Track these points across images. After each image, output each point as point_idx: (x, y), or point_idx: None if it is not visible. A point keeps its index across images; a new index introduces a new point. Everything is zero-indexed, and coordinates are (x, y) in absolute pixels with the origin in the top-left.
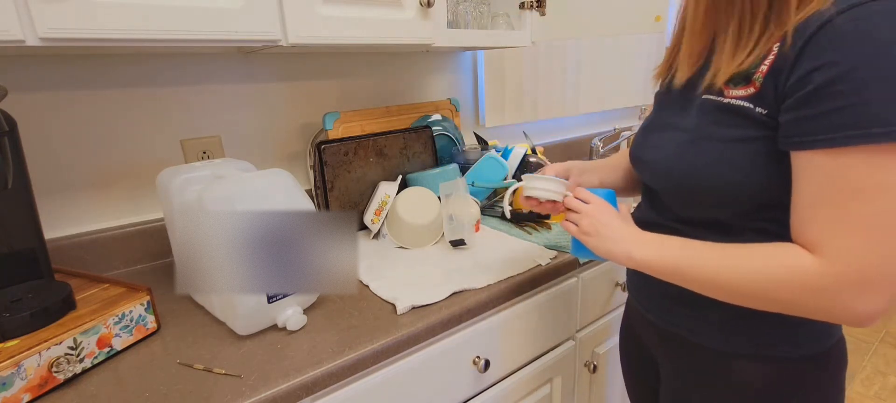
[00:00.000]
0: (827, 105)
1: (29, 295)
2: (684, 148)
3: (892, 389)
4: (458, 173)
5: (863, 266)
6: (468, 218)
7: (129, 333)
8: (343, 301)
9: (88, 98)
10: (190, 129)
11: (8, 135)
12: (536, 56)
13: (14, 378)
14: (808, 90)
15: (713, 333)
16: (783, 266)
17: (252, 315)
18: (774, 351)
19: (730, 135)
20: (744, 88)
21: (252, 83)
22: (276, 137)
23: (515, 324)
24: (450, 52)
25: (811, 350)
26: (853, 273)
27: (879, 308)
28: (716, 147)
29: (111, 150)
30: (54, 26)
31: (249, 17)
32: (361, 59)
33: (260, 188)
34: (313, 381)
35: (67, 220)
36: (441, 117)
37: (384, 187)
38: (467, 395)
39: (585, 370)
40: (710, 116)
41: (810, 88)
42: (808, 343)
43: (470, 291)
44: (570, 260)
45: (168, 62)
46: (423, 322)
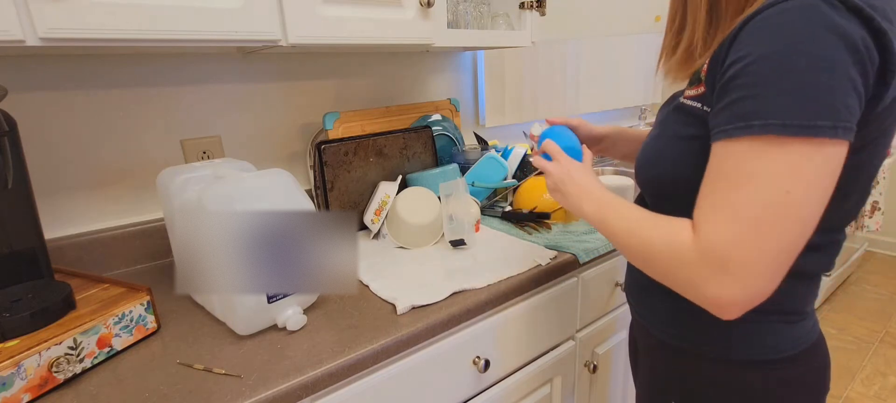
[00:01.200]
0: (731, 96)
1: (29, 295)
2: (650, 144)
3: (891, 389)
4: (458, 173)
5: (725, 249)
6: (468, 218)
7: (129, 333)
8: (343, 301)
9: (88, 98)
10: (190, 129)
11: (8, 135)
12: (536, 56)
13: (14, 378)
14: (723, 82)
15: (664, 326)
16: (666, 237)
17: (252, 315)
18: (712, 350)
19: (685, 132)
20: (696, 88)
21: (252, 83)
22: (276, 137)
23: (515, 324)
24: (450, 52)
25: (747, 355)
26: (715, 253)
27: (736, 296)
28: (672, 144)
29: (111, 150)
30: (54, 26)
31: (249, 17)
32: (361, 58)
33: (260, 188)
34: (313, 381)
35: (67, 220)
36: (441, 117)
37: (384, 187)
38: (467, 395)
39: (585, 370)
40: (673, 116)
41: (725, 80)
42: (742, 348)
43: (470, 291)
44: (570, 260)
45: (168, 62)
46: (423, 322)
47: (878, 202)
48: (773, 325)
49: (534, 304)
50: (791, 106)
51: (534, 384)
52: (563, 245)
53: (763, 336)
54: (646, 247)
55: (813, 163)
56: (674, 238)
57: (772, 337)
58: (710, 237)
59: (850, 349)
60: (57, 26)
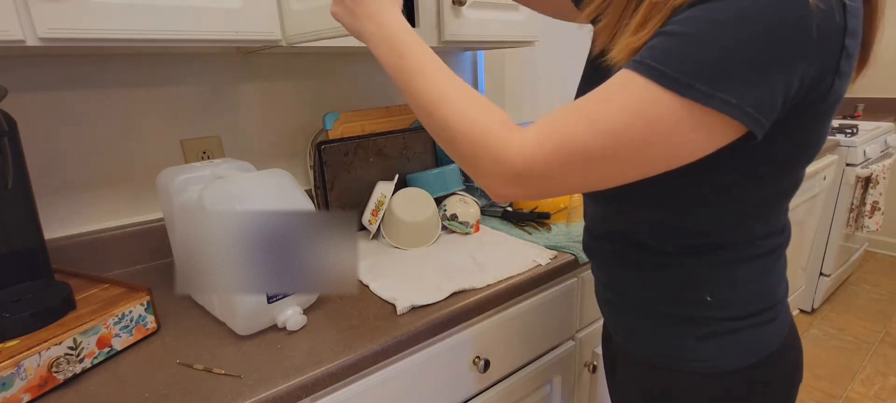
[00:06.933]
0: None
1: (29, 295)
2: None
3: (891, 389)
4: (458, 173)
5: (537, 138)
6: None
7: (129, 333)
8: (343, 301)
9: (88, 98)
10: (190, 129)
11: (8, 135)
12: (537, 56)
13: (14, 378)
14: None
15: (619, 329)
16: (487, 118)
17: (252, 315)
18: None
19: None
20: None
21: (252, 83)
22: (276, 137)
23: (515, 324)
24: (450, 51)
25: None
26: (519, 140)
27: (521, 189)
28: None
29: (111, 150)
30: (54, 26)
31: (249, 18)
32: (361, 58)
33: (260, 188)
34: (313, 381)
35: (67, 220)
36: None
37: (381, 187)
38: (467, 395)
39: (585, 370)
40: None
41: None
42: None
43: (470, 291)
44: (570, 260)
45: (168, 62)
46: (423, 322)
47: (878, 202)
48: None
49: (534, 304)
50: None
51: (534, 384)
52: (563, 245)
53: (733, 345)
54: (457, 119)
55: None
56: (489, 122)
57: (740, 345)
58: (529, 129)
59: (850, 349)
60: (57, 26)
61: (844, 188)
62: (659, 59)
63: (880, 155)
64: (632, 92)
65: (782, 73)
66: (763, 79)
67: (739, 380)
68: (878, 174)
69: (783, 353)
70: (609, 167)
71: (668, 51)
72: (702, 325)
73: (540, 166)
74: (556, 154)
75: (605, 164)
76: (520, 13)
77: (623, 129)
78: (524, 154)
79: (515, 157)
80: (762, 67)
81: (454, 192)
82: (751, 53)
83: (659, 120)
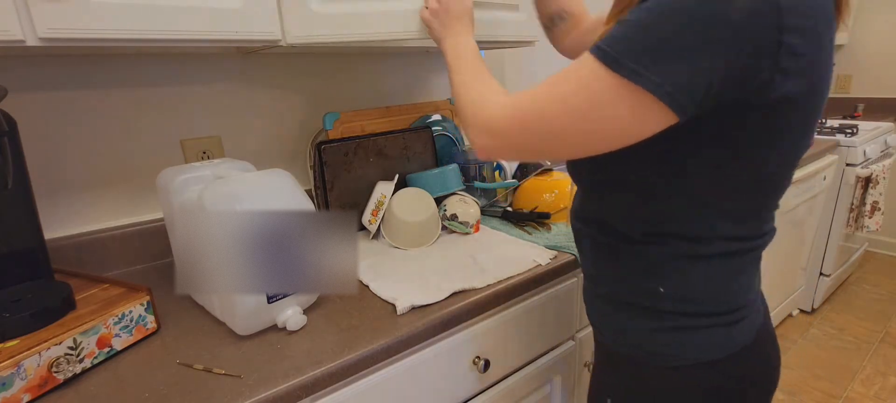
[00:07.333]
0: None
1: (29, 295)
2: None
3: (891, 389)
4: (458, 173)
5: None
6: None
7: (129, 333)
8: (343, 301)
9: (88, 98)
10: (190, 129)
11: (8, 135)
12: (537, 56)
13: (14, 378)
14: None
15: (592, 315)
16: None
17: (252, 315)
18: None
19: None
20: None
21: (252, 83)
22: (276, 137)
23: (515, 324)
24: None
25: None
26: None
27: (491, 141)
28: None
29: (111, 150)
30: (54, 26)
31: (249, 17)
32: (361, 58)
33: (260, 188)
34: (313, 381)
35: (67, 220)
36: (441, 117)
37: (381, 187)
38: (467, 395)
39: (585, 370)
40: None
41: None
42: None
43: (470, 291)
44: (570, 260)
45: (168, 62)
46: (423, 322)
47: (878, 202)
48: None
49: (534, 304)
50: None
51: (534, 384)
52: (563, 245)
53: (688, 342)
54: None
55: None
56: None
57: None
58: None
59: (850, 349)
60: (57, 26)
61: (844, 188)
62: (607, 42)
63: (880, 155)
64: (583, 68)
65: (707, 60)
66: (688, 65)
67: (691, 379)
68: (878, 174)
69: (743, 358)
70: (558, 134)
71: (614, 35)
72: (655, 317)
73: (506, 122)
74: (519, 114)
75: (555, 130)
76: (520, 13)
77: (571, 96)
78: (497, 112)
79: (491, 113)
80: (688, 53)
81: (454, 192)
82: (680, 40)
83: (599, 93)
